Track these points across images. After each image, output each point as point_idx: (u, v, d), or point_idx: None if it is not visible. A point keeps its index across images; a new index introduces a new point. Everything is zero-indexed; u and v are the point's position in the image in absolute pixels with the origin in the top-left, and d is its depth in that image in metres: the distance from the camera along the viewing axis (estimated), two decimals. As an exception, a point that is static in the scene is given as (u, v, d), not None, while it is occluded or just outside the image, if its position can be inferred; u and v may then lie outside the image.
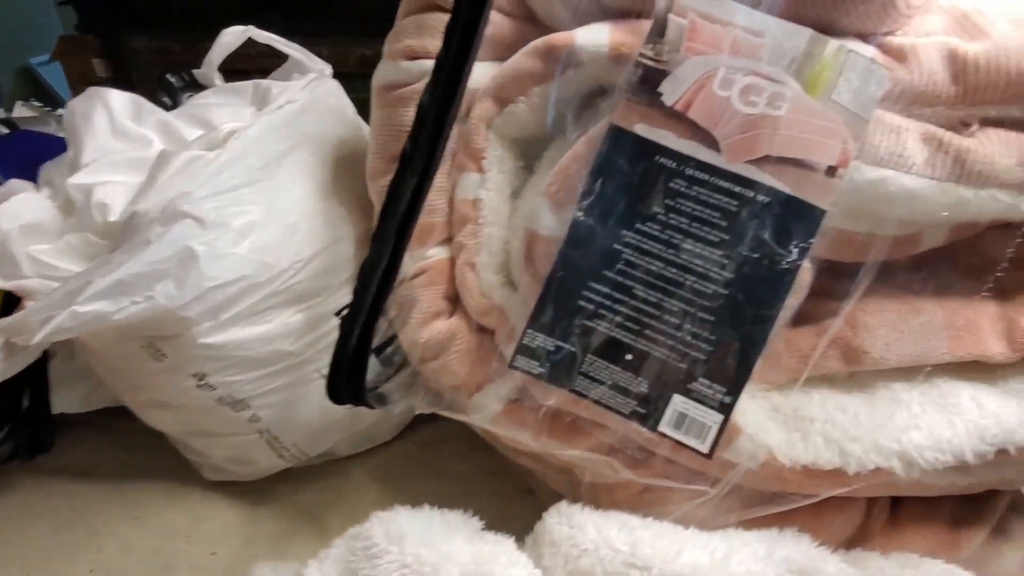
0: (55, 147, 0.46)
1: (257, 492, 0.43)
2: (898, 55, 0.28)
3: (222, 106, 0.43)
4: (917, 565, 0.30)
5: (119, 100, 0.42)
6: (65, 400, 0.44)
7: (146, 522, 0.42)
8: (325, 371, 0.33)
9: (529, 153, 0.35)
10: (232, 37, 0.46)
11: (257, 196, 0.36)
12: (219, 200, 0.35)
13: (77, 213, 0.39)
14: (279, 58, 0.47)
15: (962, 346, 0.29)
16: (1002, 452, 0.29)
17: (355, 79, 0.44)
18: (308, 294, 0.38)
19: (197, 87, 0.49)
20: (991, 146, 0.27)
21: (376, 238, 0.31)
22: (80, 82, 0.88)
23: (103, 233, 0.38)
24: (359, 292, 0.31)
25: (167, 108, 0.47)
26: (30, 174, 0.44)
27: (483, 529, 0.33)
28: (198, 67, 0.47)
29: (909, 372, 0.31)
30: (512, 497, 0.42)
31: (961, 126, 0.28)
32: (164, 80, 0.51)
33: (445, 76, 0.30)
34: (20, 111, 0.90)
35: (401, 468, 0.45)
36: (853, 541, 0.34)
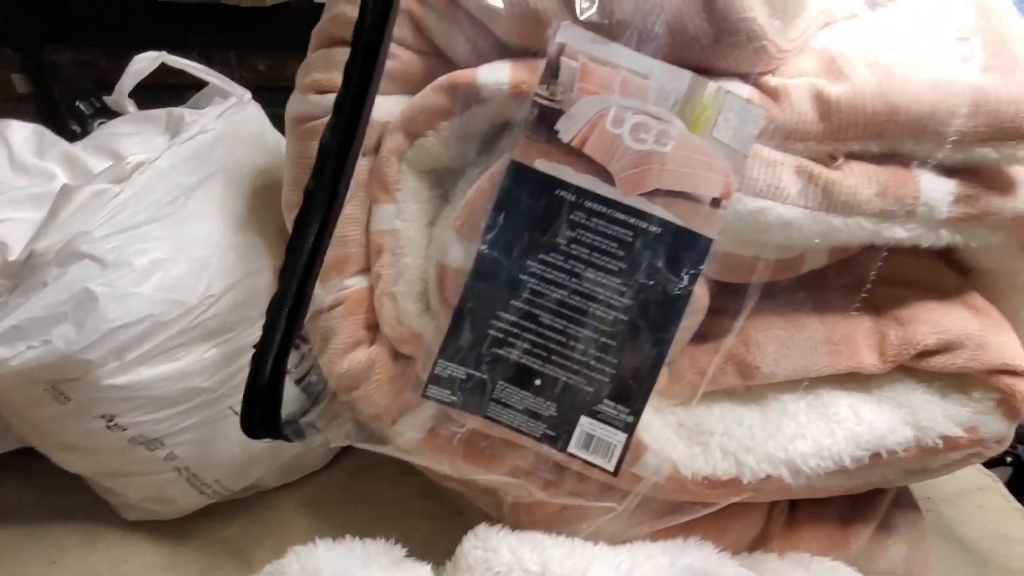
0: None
1: (180, 530, 0.42)
2: (772, 94, 0.30)
3: (132, 136, 0.42)
4: (807, 564, 0.33)
5: (19, 133, 0.41)
6: (-27, 443, 0.42)
7: (64, 566, 0.40)
8: (239, 407, 0.32)
9: (445, 182, 0.36)
10: (144, 64, 0.45)
11: (163, 232, 0.36)
12: (121, 238, 0.34)
13: (-26, 252, 0.37)
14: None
15: (839, 360, 0.32)
16: (876, 456, 0.32)
17: (290, 94, 0.43)
18: (222, 329, 0.37)
19: (109, 114, 0.47)
20: (854, 178, 0.30)
21: (283, 273, 0.32)
22: (-2, 98, 0.84)
23: (4, 273, 0.36)
24: (268, 327, 0.32)
25: (76, 136, 0.45)
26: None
27: (412, 554, 0.34)
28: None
29: (797, 384, 0.33)
30: (446, 519, 0.42)
31: (829, 159, 0.30)
32: (73, 107, 0.49)
33: (346, 113, 0.30)
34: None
35: (331, 497, 0.44)
36: (755, 544, 0.36)
